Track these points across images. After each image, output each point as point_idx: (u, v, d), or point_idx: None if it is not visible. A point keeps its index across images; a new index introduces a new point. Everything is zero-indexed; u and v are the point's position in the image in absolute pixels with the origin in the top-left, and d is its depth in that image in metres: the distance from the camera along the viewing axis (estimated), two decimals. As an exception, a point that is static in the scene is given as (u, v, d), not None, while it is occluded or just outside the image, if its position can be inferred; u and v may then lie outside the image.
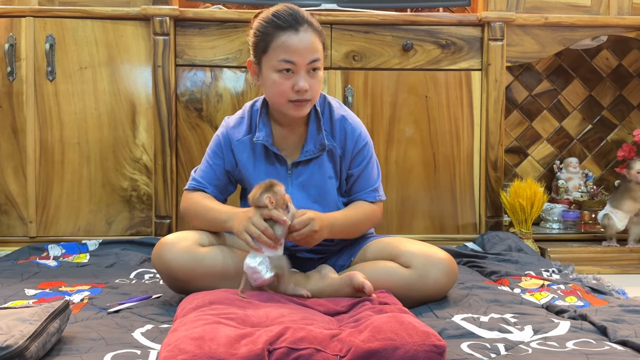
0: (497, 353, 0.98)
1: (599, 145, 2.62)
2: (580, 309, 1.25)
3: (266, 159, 1.38)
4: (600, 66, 2.60)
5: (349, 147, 1.37)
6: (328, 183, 1.37)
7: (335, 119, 1.37)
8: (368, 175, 1.41)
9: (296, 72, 1.26)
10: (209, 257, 1.26)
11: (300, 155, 1.36)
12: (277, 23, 1.26)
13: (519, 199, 2.03)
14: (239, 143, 1.38)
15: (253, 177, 1.36)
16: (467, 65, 2.10)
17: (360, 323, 0.98)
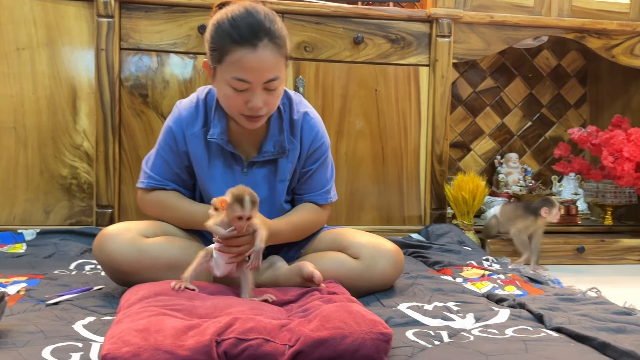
0: (441, 340, 1.01)
1: (538, 141, 2.74)
2: (518, 297, 1.30)
3: (222, 156, 1.31)
4: (541, 65, 2.72)
5: (305, 145, 1.33)
6: (279, 185, 1.34)
7: (296, 117, 1.32)
8: (321, 176, 1.38)
9: (251, 89, 1.17)
10: (154, 248, 1.22)
11: (258, 155, 1.31)
12: (233, 37, 1.14)
13: (462, 192, 2.09)
14: (192, 137, 1.30)
15: (207, 176, 1.31)
16: (416, 61, 2.14)
17: (310, 313, 0.98)
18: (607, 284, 1.71)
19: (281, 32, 1.19)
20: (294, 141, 1.32)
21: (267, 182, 1.33)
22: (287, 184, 1.35)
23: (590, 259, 2.09)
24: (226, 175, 1.31)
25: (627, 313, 1.18)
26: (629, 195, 2.37)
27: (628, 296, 1.36)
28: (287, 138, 1.31)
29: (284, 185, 1.35)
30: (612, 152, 2.12)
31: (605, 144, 2.17)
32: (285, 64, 1.21)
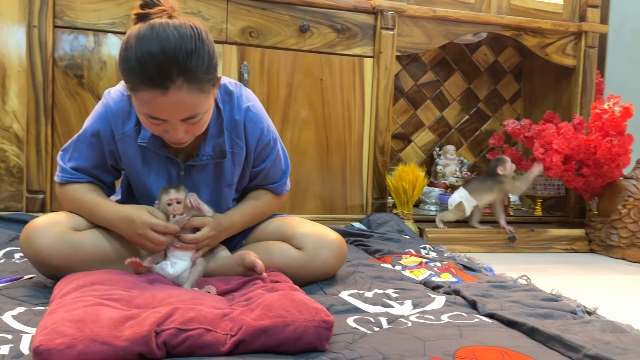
0: (380, 326, 1.03)
1: (474, 134, 2.84)
2: (454, 284, 1.35)
3: (156, 158, 1.21)
4: (479, 61, 2.81)
5: (252, 145, 1.25)
6: (225, 191, 1.28)
7: (238, 117, 1.22)
8: (275, 171, 1.35)
9: (169, 123, 1.05)
10: (87, 242, 1.16)
11: (195, 158, 1.21)
12: (140, 78, 0.99)
13: (403, 183, 2.14)
14: (123, 137, 1.18)
15: (141, 180, 1.23)
16: (361, 52, 2.16)
17: (252, 302, 0.98)
18: (536, 271, 1.81)
19: (202, 64, 1.02)
20: (238, 142, 1.24)
21: (208, 186, 1.26)
22: (235, 187, 1.31)
23: (521, 247, 2.20)
24: (161, 179, 1.23)
25: (554, 299, 1.25)
26: (558, 187, 2.51)
27: (555, 283, 1.45)
28: (228, 140, 1.22)
29: (229, 191, 1.30)
30: (542, 144, 2.23)
31: (537, 136, 2.28)
32: (212, 92, 1.08)
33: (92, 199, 1.21)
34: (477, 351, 0.90)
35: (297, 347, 0.87)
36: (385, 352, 0.88)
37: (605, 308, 1.27)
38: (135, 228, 1.13)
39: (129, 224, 1.14)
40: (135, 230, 1.13)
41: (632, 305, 1.44)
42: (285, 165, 1.38)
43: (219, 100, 1.19)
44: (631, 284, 1.73)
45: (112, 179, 1.30)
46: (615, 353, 0.89)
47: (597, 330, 1.03)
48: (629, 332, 1.05)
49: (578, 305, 1.21)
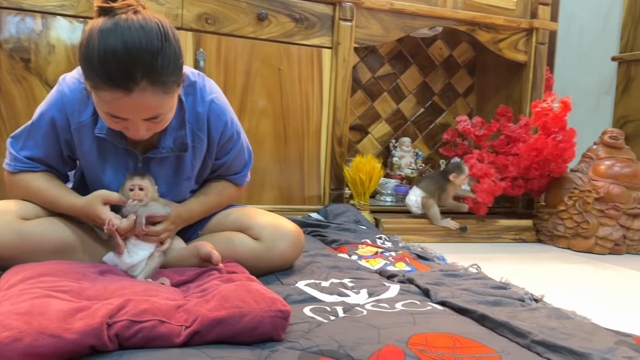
0: (336, 315, 1.04)
1: (429, 127, 2.90)
2: (408, 273, 1.38)
3: (113, 149, 1.16)
4: (435, 55, 2.86)
5: (214, 138, 1.22)
6: (184, 184, 1.25)
7: (201, 110, 1.18)
8: (238, 163, 1.33)
9: (130, 121, 1.02)
10: (36, 231, 1.12)
11: (155, 151, 1.17)
12: (102, 78, 0.95)
13: (360, 174, 2.16)
14: (79, 127, 1.13)
15: (96, 171, 1.19)
16: (319, 42, 2.16)
17: (208, 292, 0.97)
18: (486, 260, 1.87)
19: (167, 65, 0.98)
20: (200, 135, 1.20)
21: (167, 179, 1.23)
22: (194, 179, 1.29)
23: (472, 237, 2.27)
24: (118, 171, 1.19)
25: (503, 287, 1.29)
26: (507, 179, 2.60)
27: (504, 272, 1.50)
28: (190, 133, 1.18)
29: (188, 184, 1.27)
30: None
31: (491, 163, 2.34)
32: (176, 92, 1.05)
33: (50, 189, 1.17)
34: (430, 338, 0.92)
35: (253, 337, 0.87)
36: (341, 340, 0.89)
37: (551, 295, 1.32)
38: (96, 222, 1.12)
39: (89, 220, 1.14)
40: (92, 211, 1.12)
41: (576, 292, 1.52)
42: (248, 157, 1.37)
43: (181, 92, 1.14)
44: (576, 272, 1.81)
45: (68, 169, 1.25)
46: (560, 338, 0.93)
47: (543, 316, 1.08)
48: (573, 318, 1.10)
49: (526, 293, 1.25)
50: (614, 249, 2.15)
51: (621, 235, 2.15)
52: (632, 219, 2.17)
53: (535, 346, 0.92)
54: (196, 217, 1.29)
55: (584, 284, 1.63)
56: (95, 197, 1.14)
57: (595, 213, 2.17)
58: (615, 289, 1.58)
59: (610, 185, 2.19)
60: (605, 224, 2.15)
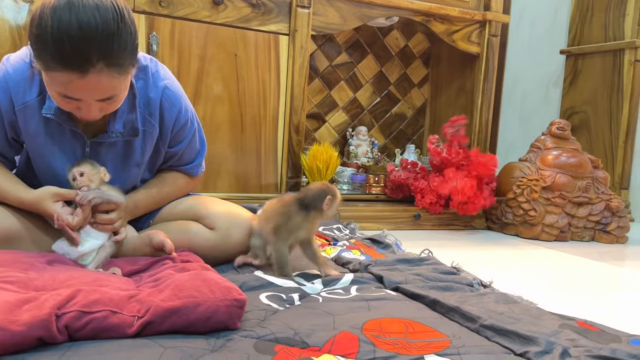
0: (292, 303, 1.05)
1: (385, 117, 2.93)
2: (363, 261, 1.40)
3: (60, 132, 1.12)
4: (391, 45, 2.88)
5: (168, 125, 1.20)
6: (133, 170, 1.22)
7: (153, 95, 1.16)
8: (190, 152, 1.31)
9: (83, 102, 0.99)
10: None
11: (103, 135, 1.14)
12: (55, 59, 0.92)
13: (317, 162, 2.17)
14: (24, 108, 1.09)
15: (42, 155, 1.14)
16: (276, 29, 2.14)
17: (161, 282, 0.96)
18: (438, 247, 1.92)
19: (124, 47, 0.95)
20: (151, 121, 1.17)
21: (116, 165, 1.19)
22: (144, 167, 1.25)
23: (425, 224, 2.32)
24: (67, 151, 1.14)
25: (453, 273, 1.33)
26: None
27: (455, 258, 1.54)
28: (140, 118, 1.15)
29: (138, 171, 1.24)
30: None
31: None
32: (131, 72, 1.03)
33: None
34: (384, 323, 0.94)
35: (209, 326, 0.86)
36: (297, 328, 0.89)
37: (499, 281, 1.37)
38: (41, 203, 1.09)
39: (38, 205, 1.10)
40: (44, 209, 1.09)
41: (523, 278, 1.58)
42: (201, 146, 1.34)
43: (133, 77, 1.11)
44: (523, 258, 1.88)
45: (14, 154, 1.20)
46: (507, 322, 0.97)
47: (492, 301, 1.12)
48: (520, 302, 1.15)
49: (475, 278, 1.30)
50: (559, 236, 2.25)
51: (566, 222, 2.25)
52: (577, 207, 2.27)
53: (484, 330, 0.95)
54: (142, 208, 1.25)
55: (531, 270, 1.70)
56: (45, 194, 1.10)
57: (542, 201, 2.25)
58: (560, 275, 1.65)
59: (557, 174, 2.28)
60: (552, 212, 2.24)
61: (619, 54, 2.85)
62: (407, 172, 2.39)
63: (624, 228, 2.27)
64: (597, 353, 0.85)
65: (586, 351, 0.86)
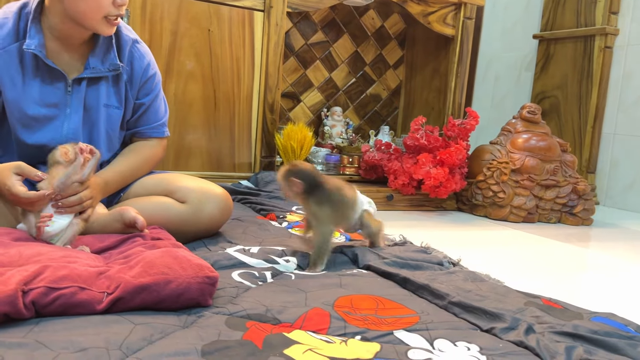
0: (264, 280, 1.05)
1: (360, 97, 2.93)
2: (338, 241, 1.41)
3: (39, 73, 1.18)
4: (367, 25, 2.87)
5: (136, 74, 1.28)
6: (114, 111, 1.27)
7: (123, 41, 1.25)
8: (156, 109, 1.35)
9: None
10: None
11: (84, 71, 1.21)
12: None
13: (291, 142, 2.16)
14: (3, 53, 1.15)
15: (23, 97, 1.17)
16: (251, 4, 2.10)
17: (131, 259, 0.95)
18: (409, 227, 1.94)
19: None
20: (123, 66, 1.25)
21: (97, 104, 1.24)
22: (118, 112, 1.27)
23: (397, 205, 2.34)
24: (46, 94, 1.19)
25: (424, 252, 1.35)
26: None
27: (425, 237, 1.56)
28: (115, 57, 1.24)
29: (110, 111, 1.26)
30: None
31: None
32: None
33: None
34: (355, 300, 0.95)
35: (180, 303, 0.86)
36: (269, 305, 0.90)
37: (467, 260, 1.40)
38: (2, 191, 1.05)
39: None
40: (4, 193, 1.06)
41: (491, 258, 1.61)
42: (165, 107, 1.40)
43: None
44: (491, 239, 1.93)
45: None
46: (475, 300, 0.99)
47: (460, 279, 1.14)
48: (487, 281, 1.18)
49: (444, 257, 1.32)
50: (527, 217, 2.30)
51: (534, 204, 2.30)
52: (545, 189, 2.32)
53: (452, 307, 0.97)
54: (112, 185, 1.24)
55: (499, 250, 1.74)
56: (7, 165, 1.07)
57: (511, 184, 2.30)
58: (526, 255, 1.70)
59: (526, 157, 2.32)
60: (520, 194, 2.29)
61: (590, 40, 2.89)
62: (381, 154, 2.40)
63: (589, 210, 2.33)
64: (560, 329, 0.88)
65: (550, 327, 0.89)
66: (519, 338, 0.85)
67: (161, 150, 1.38)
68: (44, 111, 1.19)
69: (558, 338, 0.86)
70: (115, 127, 1.29)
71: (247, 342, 0.76)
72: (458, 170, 2.31)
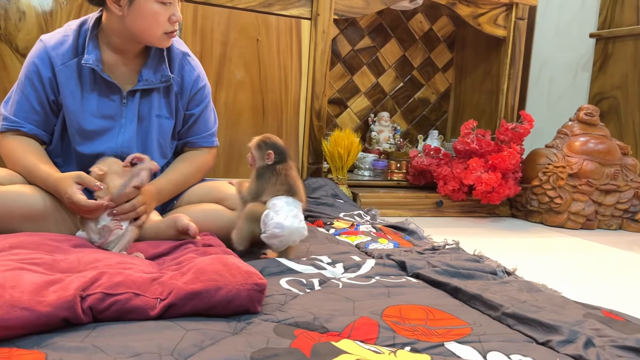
0: (312, 288, 1.05)
1: (407, 102, 2.90)
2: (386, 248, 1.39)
3: (97, 86, 1.25)
4: (415, 28, 2.84)
5: (187, 86, 1.33)
6: (165, 122, 1.32)
7: (174, 54, 1.31)
8: (206, 119, 1.39)
9: (173, 4, 1.21)
10: (9, 197, 1.12)
11: (138, 83, 1.26)
12: None
13: (338, 148, 2.16)
14: (64, 68, 1.22)
15: (82, 109, 1.24)
16: (298, 13, 2.12)
17: (183, 266, 0.97)
18: (460, 234, 1.90)
19: None
20: (173, 77, 1.31)
21: (150, 115, 1.30)
22: (169, 123, 1.32)
23: (447, 212, 2.29)
24: (103, 106, 1.25)
25: (476, 260, 1.32)
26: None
27: (478, 245, 1.52)
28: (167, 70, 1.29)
29: (162, 122, 1.31)
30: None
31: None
32: None
33: (27, 160, 1.20)
34: (404, 310, 0.94)
35: (229, 309, 0.87)
36: (316, 313, 0.90)
37: (523, 269, 1.35)
38: (63, 199, 1.12)
39: (58, 195, 1.14)
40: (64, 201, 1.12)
41: (548, 266, 1.55)
42: (214, 118, 1.43)
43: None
44: (547, 246, 1.86)
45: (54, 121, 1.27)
46: (530, 311, 0.96)
47: (514, 289, 1.10)
48: (544, 291, 1.13)
49: (498, 266, 1.28)
50: (585, 224, 2.20)
51: (593, 210, 2.20)
52: (605, 194, 2.22)
53: (506, 318, 0.94)
54: (165, 193, 1.29)
55: (556, 259, 1.67)
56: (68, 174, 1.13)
57: (568, 189, 2.21)
58: (585, 264, 1.62)
59: (584, 161, 2.23)
60: (578, 199, 2.20)
61: (652, 37, 2.75)
62: (430, 159, 2.37)
63: (653, 216, 2.21)
64: (621, 343, 0.84)
65: (611, 341, 0.85)
66: (578, 352, 0.81)
67: (211, 158, 1.41)
68: (101, 122, 1.24)
69: (620, 352, 0.82)
70: (166, 136, 1.33)
71: (295, 351, 0.76)
72: (512, 175, 2.25)
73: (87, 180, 1.11)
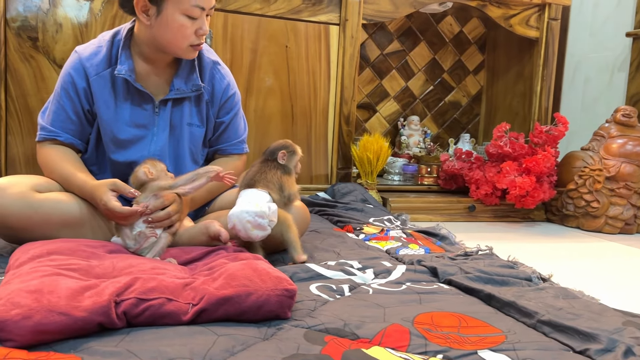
0: (342, 294, 1.05)
1: (438, 105, 2.87)
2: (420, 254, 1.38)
3: (129, 96, 1.27)
4: (445, 31, 2.81)
5: (217, 94, 1.35)
6: (196, 130, 1.34)
7: (205, 63, 1.33)
8: (236, 127, 1.41)
9: (200, 17, 1.21)
10: (47, 204, 1.15)
11: (169, 92, 1.29)
12: None
13: (367, 153, 2.15)
14: (98, 78, 1.25)
15: (115, 118, 1.27)
16: (327, 19, 2.13)
17: (215, 271, 0.98)
18: (494, 240, 1.86)
19: None
20: (204, 86, 1.32)
21: (182, 123, 1.32)
22: (200, 130, 1.34)
23: (480, 216, 2.26)
24: (136, 115, 1.28)
25: (510, 266, 1.29)
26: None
27: (512, 251, 1.49)
28: (198, 79, 1.31)
29: (193, 130, 1.33)
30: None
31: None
32: None
33: (64, 168, 1.23)
34: (435, 317, 0.92)
35: (260, 315, 0.87)
36: (346, 319, 0.89)
37: (559, 275, 1.32)
38: (99, 206, 1.15)
39: (94, 202, 1.17)
40: (100, 208, 1.15)
41: (585, 272, 1.51)
42: (244, 126, 1.45)
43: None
44: (584, 252, 1.80)
45: (89, 130, 1.30)
46: (566, 318, 0.93)
47: (550, 296, 1.08)
48: (580, 298, 1.10)
49: (533, 272, 1.25)
50: (624, 228, 2.13)
51: (632, 214, 2.13)
52: (643, 198, 2.15)
53: (542, 326, 0.92)
54: (197, 200, 1.31)
55: (593, 264, 1.63)
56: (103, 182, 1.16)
57: (605, 192, 2.15)
58: (625, 269, 1.57)
59: (622, 164, 2.16)
60: (616, 203, 2.13)
61: (693, 34, 2.65)
62: (462, 162, 2.34)
63: (696, 221, 2.13)
64: (665, 353, 0.81)
65: (653, 351, 0.82)
66: (618, 362, 0.78)
67: (242, 165, 1.43)
68: (134, 131, 1.27)
69: (663, 363, 0.79)
70: (197, 144, 1.35)
71: (325, 357, 0.75)
72: (546, 178, 2.20)
73: (121, 187, 1.13)
